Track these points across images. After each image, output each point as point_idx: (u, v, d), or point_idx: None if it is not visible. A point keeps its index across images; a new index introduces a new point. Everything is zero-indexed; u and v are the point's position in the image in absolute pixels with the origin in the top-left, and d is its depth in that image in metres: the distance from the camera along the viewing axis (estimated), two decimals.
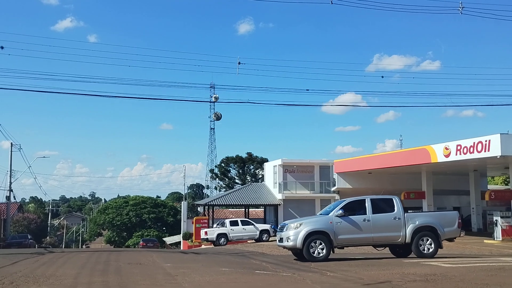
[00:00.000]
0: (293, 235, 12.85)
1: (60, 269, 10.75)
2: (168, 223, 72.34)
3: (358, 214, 13.25)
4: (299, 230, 12.85)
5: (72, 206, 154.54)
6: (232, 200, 39.54)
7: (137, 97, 20.56)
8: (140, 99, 27.13)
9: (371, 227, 13.10)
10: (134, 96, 19.35)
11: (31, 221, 48.69)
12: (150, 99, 19.27)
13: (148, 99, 21.50)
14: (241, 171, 75.37)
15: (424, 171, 33.29)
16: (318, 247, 12.78)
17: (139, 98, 18.06)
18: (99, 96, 21.97)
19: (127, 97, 21.91)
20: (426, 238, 13.23)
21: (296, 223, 13.14)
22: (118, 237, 71.90)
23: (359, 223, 13.09)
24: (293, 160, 39.56)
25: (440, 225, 13.34)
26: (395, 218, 13.31)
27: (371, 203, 13.39)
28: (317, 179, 39.35)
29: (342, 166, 37.30)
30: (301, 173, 39.21)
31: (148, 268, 10.90)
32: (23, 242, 34.30)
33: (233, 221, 32.59)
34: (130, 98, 33.86)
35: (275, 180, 39.97)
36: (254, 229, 32.12)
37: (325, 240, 12.80)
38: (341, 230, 12.97)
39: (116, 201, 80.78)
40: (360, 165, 35.40)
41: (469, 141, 23.40)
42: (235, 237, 31.64)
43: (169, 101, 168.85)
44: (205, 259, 14.14)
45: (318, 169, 39.46)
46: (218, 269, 10.74)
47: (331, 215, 13.14)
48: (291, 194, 38.41)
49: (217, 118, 76.01)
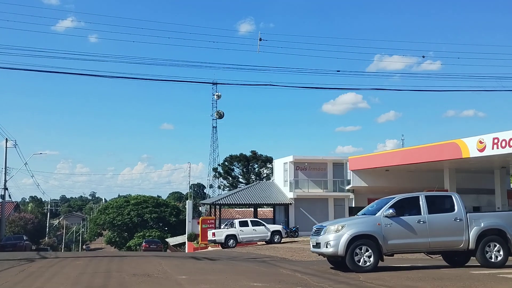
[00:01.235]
0: (333, 240, 10.57)
1: (48, 284, 8.50)
2: (171, 223, 70.14)
3: (411, 214, 10.98)
4: (341, 234, 10.57)
5: (73, 206, 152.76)
6: (239, 199, 37.23)
7: (139, 77, 18.76)
8: (141, 79, 24.72)
9: (427, 230, 10.82)
10: (135, 77, 17.49)
11: (28, 221, 46.42)
12: (152, 80, 17.51)
13: (151, 80, 19.64)
14: (245, 170, 73.29)
15: (447, 168, 30.97)
16: (364, 255, 10.50)
17: (140, 79, 16.24)
18: (98, 76, 20.03)
19: (128, 77, 20.01)
20: (493, 243, 10.93)
21: (337, 225, 10.83)
22: (119, 238, 69.79)
23: (412, 225, 10.80)
24: (305, 157, 37.25)
25: (511, 227, 11.05)
26: (455, 219, 11.01)
27: (426, 201, 11.11)
28: (330, 177, 37.07)
29: (357, 163, 35.02)
30: (313, 170, 36.93)
31: (159, 283, 8.65)
32: (18, 244, 32.06)
33: (242, 221, 30.29)
34: (132, 79, 31.73)
35: (285, 178, 37.68)
36: (265, 230, 29.87)
37: (373, 245, 10.52)
38: (391, 233, 10.68)
39: (116, 200, 78.49)
40: (377, 161, 33.11)
41: (508, 134, 21.09)
42: (245, 238, 29.40)
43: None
44: (225, 268, 11.85)
45: (331, 167, 37.17)
46: (248, 283, 8.49)
47: (379, 215, 10.86)
48: (303, 193, 36.11)
49: (220, 116, 74.05)
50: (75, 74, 22.21)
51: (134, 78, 15.69)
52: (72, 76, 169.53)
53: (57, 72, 15.49)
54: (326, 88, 22.36)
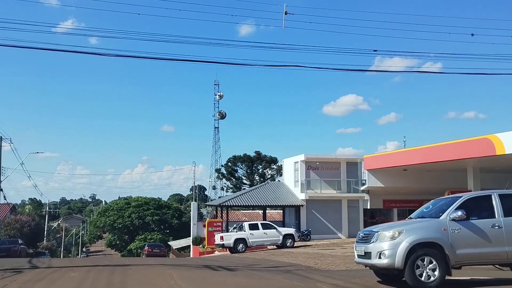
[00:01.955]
0: (389, 249, 8.49)
1: None
2: (173, 225, 68.12)
3: (481, 217, 8.92)
4: (398, 242, 8.49)
5: (73, 208, 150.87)
6: (247, 201, 35.14)
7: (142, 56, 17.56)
8: (144, 58, 22.66)
9: (503, 237, 8.75)
10: (138, 56, 16.29)
11: (24, 224, 44.32)
12: (154, 58, 15.72)
13: (153, 58, 17.99)
14: (249, 171, 71.36)
15: (471, 167, 28.93)
16: (428, 267, 8.44)
17: (144, 58, 14.89)
18: (100, 55, 18.23)
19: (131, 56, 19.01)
20: None
21: (393, 230, 8.73)
22: (119, 241, 67.83)
23: (486, 230, 8.73)
24: (317, 156, 35.18)
25: None
26: None
27: (500, 200, 9.05)
28: (344, 177, 35.00)
29: (373, 162, 32.98)
30: (325, 170, 34.86)
31: None
32: (12, 249, 29.95)
33: (252, 224, 28.22)
34: (134, 57, 29.84)
35: (296, 178, 35.60)
36: (277, 233, 27.84)
37: (438, 256, 8.46)
38: (460, 241, 8.61)
39: (117, 202, 76.37)
40: (394, 160, 31.05)
41: None
42: (255, 242, 27.38)
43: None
44: (252, 283, 9.78)
45: (345, 166, 35.10)
46: None
47: (444, 219, 8.78)
48: (315, 194, 34.02)
49: (222, 116, 72.34)
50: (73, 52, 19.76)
51: (137, 57, 13.74)
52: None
53: (46, 49, 13.57)
54: (362, 70, 20.00)
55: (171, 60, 16.70)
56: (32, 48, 14.89)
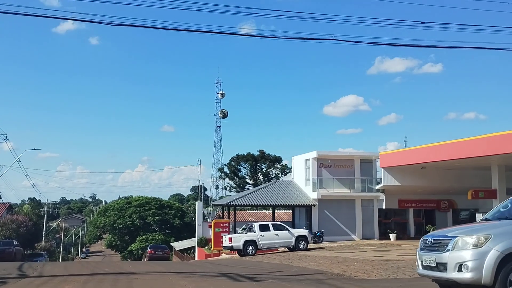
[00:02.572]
0: (473, 260, 6.59)
1: None
2: (175, 226, 66.18)
3: None
4: (485, 250, 6.60)
5: (73, 208, 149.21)
6: (256, 200, 33.20)
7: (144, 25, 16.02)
8: (147, 27, 20.42)
9: None
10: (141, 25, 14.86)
11: (21, 224, 42.38)
12: (158, 28, 14.40)
13: (158, 28, 16.63)
14: (253, 170, 69.52)
15: (495, 165, 27.08)
16: None
17: (146, 27, 13.29)
18: (101, 23, 16.63)
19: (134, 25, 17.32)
20: None
21: (476, 235, 6.82)
22: (120, 241, 65.89)
23: None
24: (330, 153, 33.26)
25: None
26: None
27: None
28: (358, 176, 33.06)
29: (389, 160, 31.12)
30: (338, 168, 32.90)
31: None
32: (6, 250, 28.02)
33: (263, 225, 26.32)
34: (137, 26, 27.25)
35: (307, 176, 33.67)
36: (289, 235, 25.97)
37: None
38: None
39: (117, 202, 74.39)
40: (412, 158, 29.19)
41: None
42: (266, 245, 25.50)
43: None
44: None
45: (359, 164, 33.16)
46: None
47: None
48: (327, 193, 32.09)
49: (224, 115, 70.64)
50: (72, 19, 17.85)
51: (139, 26, 11.88)
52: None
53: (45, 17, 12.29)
54: (390, 44, 18.03)
55: (173, 30, 14.86)
56: (28, 15, 12.14)
